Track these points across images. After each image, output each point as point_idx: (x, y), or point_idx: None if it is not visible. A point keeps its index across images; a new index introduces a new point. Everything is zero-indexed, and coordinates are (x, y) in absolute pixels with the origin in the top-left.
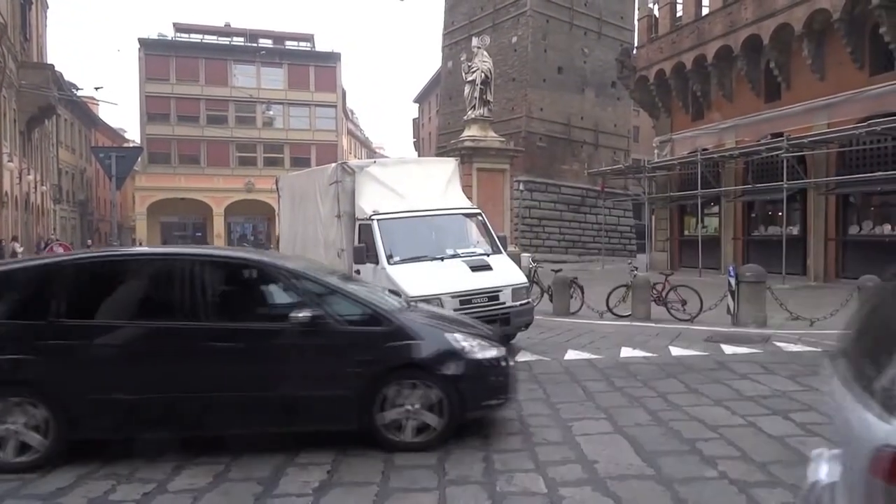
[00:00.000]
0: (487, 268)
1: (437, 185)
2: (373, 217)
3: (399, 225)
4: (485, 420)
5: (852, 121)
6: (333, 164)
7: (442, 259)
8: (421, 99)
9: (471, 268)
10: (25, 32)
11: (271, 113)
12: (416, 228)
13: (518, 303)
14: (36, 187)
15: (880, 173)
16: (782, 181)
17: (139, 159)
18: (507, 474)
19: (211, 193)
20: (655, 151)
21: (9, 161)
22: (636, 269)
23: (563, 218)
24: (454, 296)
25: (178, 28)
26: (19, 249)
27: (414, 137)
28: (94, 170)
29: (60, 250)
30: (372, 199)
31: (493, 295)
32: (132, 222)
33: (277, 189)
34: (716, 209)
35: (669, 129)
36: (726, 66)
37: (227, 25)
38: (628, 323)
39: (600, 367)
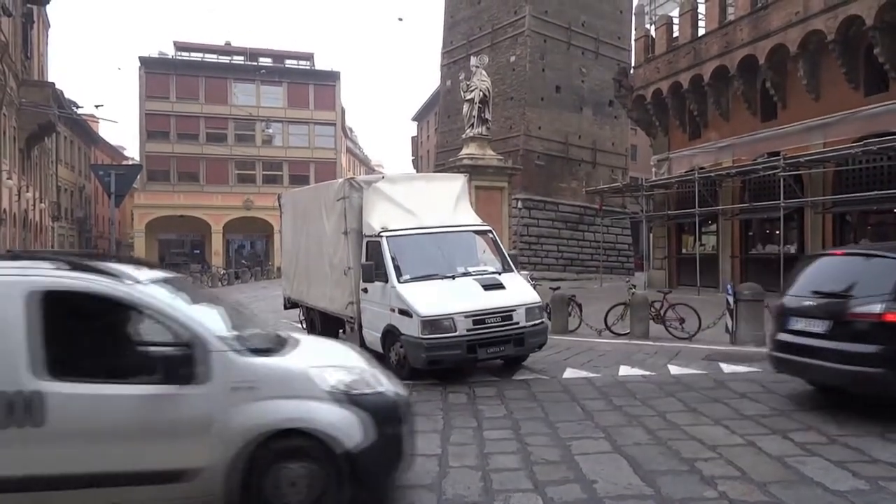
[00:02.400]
0: (500, 286)
1: (446, 202)
2: (382, 234)
3: (409, 242)
4: (482, 439)
5: (848, 140)
6: (340, 180)
7: (453, 277)
8: (420, 117)
9: (483, 286)
10: (27, 50)
11: (270, 131)
12: (427, 246)
13: (532, 323)
14: (35, 204)
15: (876, 192)
16: (779, 200)
17: (138, 177)
18: (505, 494)
19: (210, 211)
20: (653, 170)
21: (8, 178)
22: (634, 287)
23: (562, 236)
24: (467, 315)
25: (179, 46)
26: None
27: (412, 155)
28: (93, 187)
29: None
30: (381, 216)
31: (506, 315)
32: (130, 240)
33: (280, 205)
34: (713, 227)
35: (667, 147)
36: (723, 85)
37: (228, 44)
38: (627, 341)
39: (599, 386)
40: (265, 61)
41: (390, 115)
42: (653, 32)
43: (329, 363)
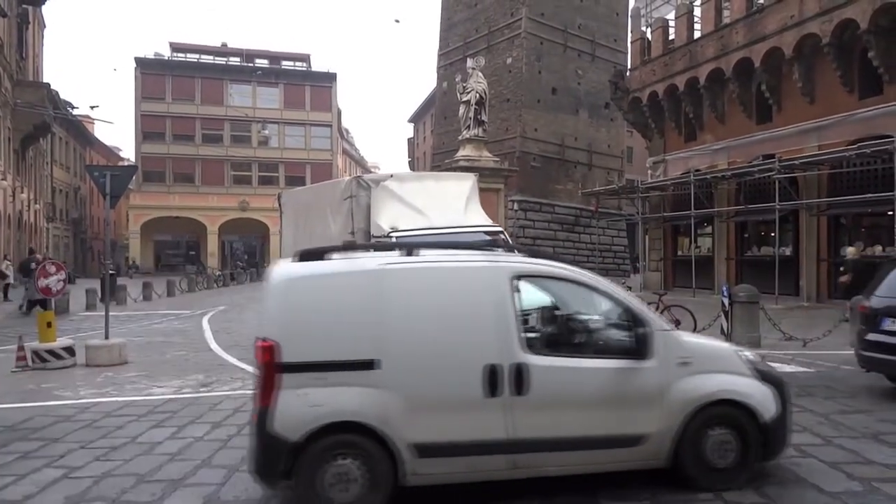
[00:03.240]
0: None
1: (457, 202)
2: (391, 234)
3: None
4: None
5: (842, 143)
6: (346, 178)
7: None
8: (416, 119)
9: None
10: (22, 51)
11: (266, 132)
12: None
13: None
14: (29, 205)
15: (870, 195)
16: (774, 202)
17: (134, 178)
18: (502, 489)
19: (205, 212)
20: (649, 172)
21: (2, 179)
22: (630, 289)
23: (557, 237)
24: None
25: (175, 47)
26: (7, 272)
27: (409, 157)
28: (88, 188)
29: (53, 269)
30: (390, 216)
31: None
32: (126, 240)
33: (280, 205)
34: (709, 229)
35: (662, 150)
36: (718, 88)
37: (224, 45)
38: None
39: None
40: (261, 62)
41: (387, 116)
42: (649, 35)
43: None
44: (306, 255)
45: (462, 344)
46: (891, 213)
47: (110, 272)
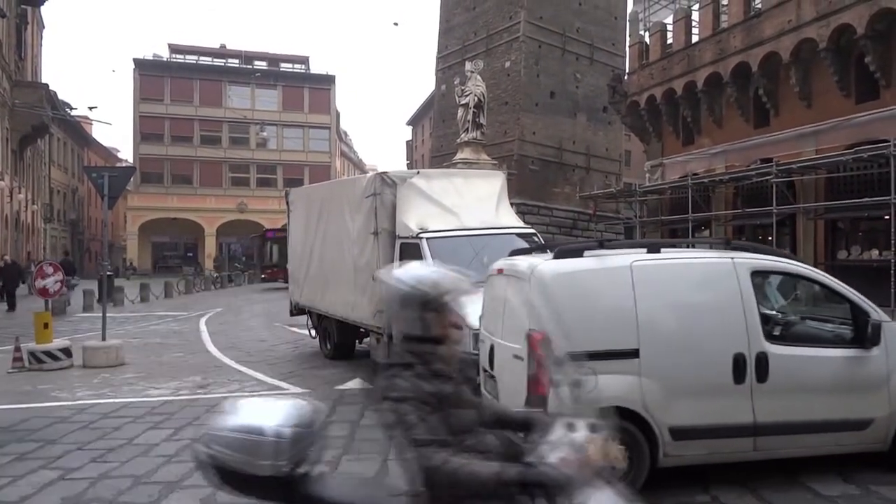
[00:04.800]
0: None
1: (488, 201)
2: (420, 235)
3: (451, 245)
4: None
5: (839, 147)
6: (369, 175)
7: None
8: (414, 121)
9: None
10: (20, 51)
11: (265, 134)
12: (470, 249)
13: None
14: (27, 206)
15: (867, 199)
16: (772, 206)
17: (132, 179)
18: None
19: (203, 213)
20: (647, 175)
21: (0, 180)
22: None
23: (556, 241)
24: None
25: (174, 49)
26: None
27: (407, 159)
28: (86, 189)
29: (51, 270)
30: (418, 215)
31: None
32: (123, 242)
33: (288, 202)
34: (706, 233)
35: (660, 153)
36: (716, 92)
37: (223, 47)
38: None
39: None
40: (260, 64)
41: (385, 119)
42: (647, 39)
43: None
44: (564, 253)
45: (712, 334)
46: (888, 217)
47: (108, 273)
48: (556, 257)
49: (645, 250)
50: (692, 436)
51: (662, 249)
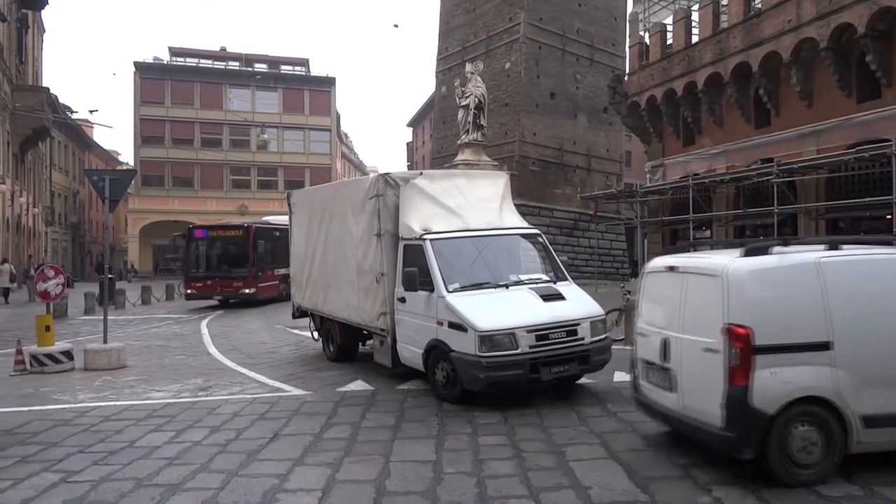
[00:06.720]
0: (560, 297)
1: (491, 202)
2: (424, 237)
3: (455, 246)
4: (477, 445)
5: (841, 147)
6: (371, 176)
7: (507, 286)
8: (415, 123)
9: (542, 297)
10: (21, 55)
11: (265, 136)
12: (474, 251)
13: (597, 338)
14: (28, 209)
15: (869, 199)
16: (773, 206)
17: (132, 182)
18: (501, 500)
19: (204, 216)
20: (647, 176)
21: (1, 183)
22: (629, 292)
23: (556, 241)
24: (530, 330)
25: (174, 52)
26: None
27: (408, 161)
28: (86, 192)
29: (52, 273)
30: (421, 216)
31: (571, 329)
32: (124, 245)
33: (290, 204)
34: (707, 233)
35: (661, 154)
36: (716, 92)
37: (223, 50)
38: (622, 347)
39: (594, 392)
40: (260, 67)
41: (385, 120)
42: (647, 39)
43: None
44: (754, 251)
45: None
46: (889, 216)
47: (109, 276)
48: (746, 255)
49: (825, 247)
50: (885, 423)
51: (842, 246)
